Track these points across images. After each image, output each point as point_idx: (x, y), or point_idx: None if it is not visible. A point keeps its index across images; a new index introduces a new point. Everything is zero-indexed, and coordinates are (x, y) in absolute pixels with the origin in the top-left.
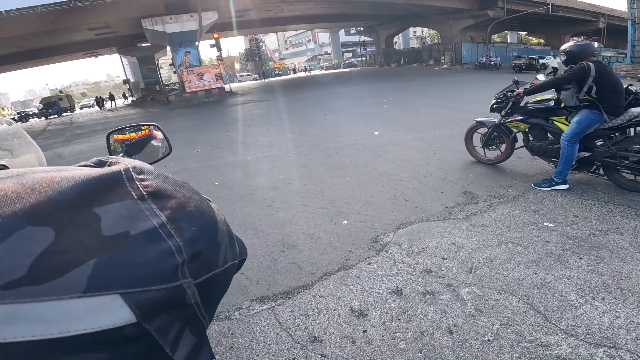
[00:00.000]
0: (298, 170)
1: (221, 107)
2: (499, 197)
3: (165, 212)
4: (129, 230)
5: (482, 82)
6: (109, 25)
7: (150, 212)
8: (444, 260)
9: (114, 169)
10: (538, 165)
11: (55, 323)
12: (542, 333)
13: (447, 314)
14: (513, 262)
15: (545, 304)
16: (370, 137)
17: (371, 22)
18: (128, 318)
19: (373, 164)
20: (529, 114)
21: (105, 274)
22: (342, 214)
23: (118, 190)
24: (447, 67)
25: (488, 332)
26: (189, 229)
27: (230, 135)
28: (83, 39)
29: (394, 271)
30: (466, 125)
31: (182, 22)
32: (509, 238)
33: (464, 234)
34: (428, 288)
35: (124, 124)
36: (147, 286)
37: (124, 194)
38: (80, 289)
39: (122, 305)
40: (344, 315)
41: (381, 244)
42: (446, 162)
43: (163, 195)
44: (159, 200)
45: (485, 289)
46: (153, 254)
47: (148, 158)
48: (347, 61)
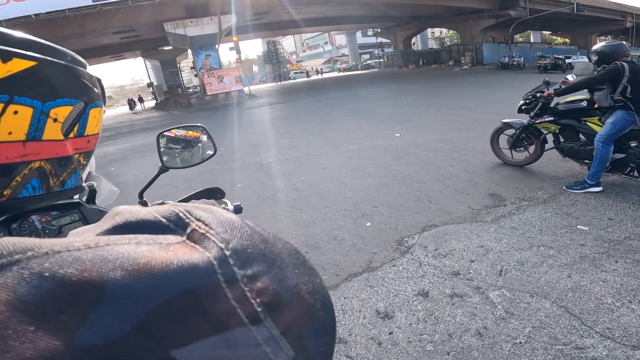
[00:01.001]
0: (319, 172)
1: (241, 109)
2: (528, 200)
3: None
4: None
5: (505, 83)
6: (133, 29)
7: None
8: (472, 262)
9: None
10: (569, 167)
11: None
12: (577, 336)
13: (476, 316)
14: (545, 265)
15: (580, 307)
16: (392, 138)
17: (388, 23)
18: None
19: (395, 165)
20: (559, 115)
21: None
22: (365, 215)
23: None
24: (468, 68)
25: (520, 334)
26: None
27: (250, 137)
28: (109, 43)
29: (420, 273)
30: (490, 126)
31: (202, 25)
32: (540, 241)
33: (492, 237)
34: (456, 290)
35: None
36: None
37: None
38: None
39: None
40: (369, 316)
41: (406, 246)
42: (471, 164)
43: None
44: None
45: (516, 292)
46: None
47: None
48: (364, 63)
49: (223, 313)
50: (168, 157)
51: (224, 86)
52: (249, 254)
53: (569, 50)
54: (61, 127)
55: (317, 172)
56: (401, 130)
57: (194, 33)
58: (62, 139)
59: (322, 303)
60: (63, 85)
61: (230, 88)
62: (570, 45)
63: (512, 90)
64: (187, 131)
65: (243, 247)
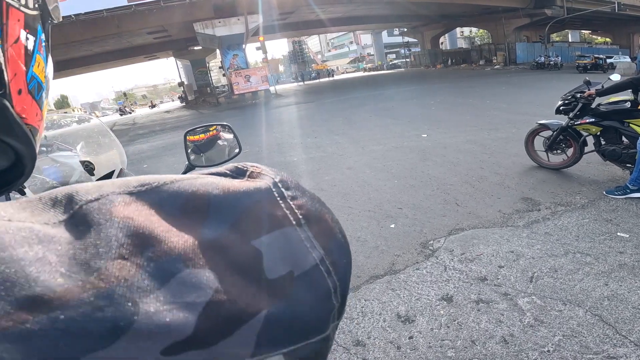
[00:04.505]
0: (343, 172)
1: (267, 108)
2: (565, 205)
3: (322, 240)
4: (293, 270)
5: (541, 83)
6: (165, 29)
7: (309, 243)
8: (501, 268)
9: (262, 185)
10: (610, 171)
11: None
12: (611, 345)
13: (503, 323)
14: (581, 273)
15: (615, 315)
16: (418, 139)
17: (415, 22)
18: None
19: (422, 167)
20: (601, 116)
21: (273, 331)
22: (389, 217)
23: (275, 213)
24: (500, 68)
25: (548, 343)
26: (341, 262)
27: (276, 136)
28: (143, 43)
29: (445, 277)
30: (524, 128)
31: (230, 25)
32: (576, 248)
33: (524, 242)
34: (482, 296)
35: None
36: (305, 340)
37: (282, 219)
38: (249, 352)
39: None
40: (389, 320)
41: (431, 249)
42: (503, 166)
43: (316, 218)
44: (314, 224)
45: (547, 299)
46: (314, 298)
47: (216, 158)
48: (390, 62)
49: (280, 216)
50: (195, 155)
51: (250, 85)
52: (289, 183)
53: (610, 49)
54: None
55: (342, 172)
56: (428, 130)
57: (222, 33)
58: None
59: (339, 229)
60: None
61: (257, 87)
62: (611, 45)
63: (548, 91)
64: (213, 130)
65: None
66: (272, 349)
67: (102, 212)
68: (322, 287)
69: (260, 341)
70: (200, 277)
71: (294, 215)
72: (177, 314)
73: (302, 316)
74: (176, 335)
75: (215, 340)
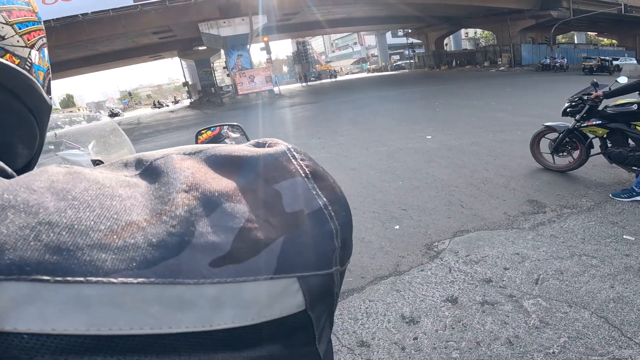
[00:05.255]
0: (348, 174)
1: (271, 108)
2: (571, 207)
3: (324, 193)
4: (304, 209)
5: (547, 85)
6: (170, 29)
7: (315, 191)
8: (506, 270)
9: (280, 148)
10: (616, 174)
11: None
12: (616, 347)
13: (508, 325)
14: (587, 275)
15: (621, 318)
16: (423, 141)
17: (420, 24)
18: (300, 305)
19: (426, 168)
20: (608, 119)
21: (290, 254)
22: (394, 218)
23: (289, 167)
24: (505, 69)
25: (554, 344)
26: (340, 213)
27: (279, 136)
28: (148, 43)
29: (450, 279)
30: (530, 130)
31: (235, 25)
32: (582, 250)
33: (530, 244)
34: (487, 298)
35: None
36: (315, 270)
37: (295, 172)
38: (271, 270)
39: (298, 290)
40: (393, 321)
41: (435, 250)
42: (508, 168)
43: (320, 176)
44: (318, 180)
45: (552, 301)
46: (320, 235)
47: None
48: (394, 63)
49: (292, 169)
50: None
51: (254, 86)
52: (299, 150)
53: (616, 51)
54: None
55: (346, 173)
56: (433, 132)
57: (227, 33)
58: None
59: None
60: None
61: (261, 88)
62: (617, 47)
63: (553, 93)
64: (224, 129)
65: (296, 147)
66: (288, 271)
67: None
68: (326, 227)
69: (279, 264)
70: (236, 209)
71: (302, 170)
72: (220, 235)
73: (311, 247)
74: (219, 251)
75: (246, 257)
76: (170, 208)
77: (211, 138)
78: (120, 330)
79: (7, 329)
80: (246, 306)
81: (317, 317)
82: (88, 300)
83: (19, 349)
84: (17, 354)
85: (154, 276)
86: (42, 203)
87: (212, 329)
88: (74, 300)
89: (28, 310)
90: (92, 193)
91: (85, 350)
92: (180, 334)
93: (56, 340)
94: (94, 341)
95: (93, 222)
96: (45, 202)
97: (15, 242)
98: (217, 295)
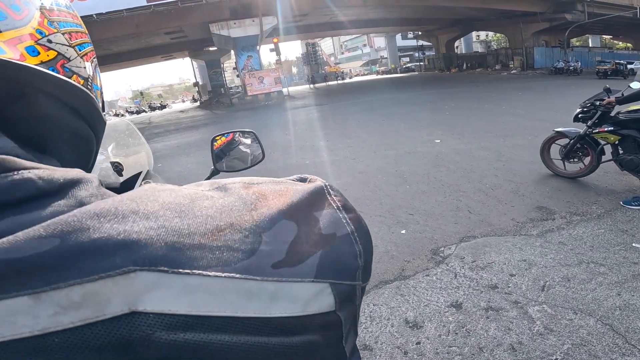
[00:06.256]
0: (355, 177)
1: (280, 110)
2: (580, 214)
3: (352, 222)
4: (336, 232)
5: (560, 89)
6: (182, 30)
7: (345, 220)
8: (512, 276)
9: (318, 185)
10: (627, 181)
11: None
12: (619, 354)
13: (512, 331)
14: (594, 283)
15: (626, 325)
16: (431, 145)
17: (430, 26)
18: (331, 305)
19: (434, 173)
20: (620, 125)
21: (325, 265)
22: (400, 223)
23: (325, 201)
24: (517, 73)
25: (557, 351)
26: (363, 240)
27: (288, 138)
28: (161, 43)
29: (455, 284)
30: (540, 135)
31: (245, 26)
32: (590, 258)
33: (537, 251)
34: (492, 304)
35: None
36: (343, 280)
37: (329, 204)
38: (312, 275)
39: (330, 293)
40: (397, 325)
41: (441, 256)
42: (517, 174)
43: (349, 209)
44: (347, 212)
45: (558, 308)
46: (348, 254)
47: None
48: (404, 66)
49: (328, 203)
50: (220, 160)
51: (264, 87)
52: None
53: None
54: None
55: (353, 176)
56: (442, 136)
57: (237, 34)
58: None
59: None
60: None
61: (270, 89)
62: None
63: (566, 97)
64: (238, 136)
65: (331, 185)
66: (324, 277)
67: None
68: (352, 248)
69: (318, 271)
70: (289, 226)
71: (335, 204)
72: (278, 244)
73: (340, 262)
74: (278, 257)
75: (296, 263)
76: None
77: (225, 144)
78: (211, 312)
79: (140, 309)
80: (294, 301)
81: (345, 319)
82: (191, 288)
83: (146, 325)
84: (145, 329)
85: (234, 272)
86: (157, 212)
87: (270, 316)
88: (182, 288)
89: (154, 295)
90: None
91: (188, 327)
92: (247, 318)
93: (170, 319)
94: (193, 320)
95: (194, 228)
96: (159, 211)
97: (146, 240)
98: (275, 291)
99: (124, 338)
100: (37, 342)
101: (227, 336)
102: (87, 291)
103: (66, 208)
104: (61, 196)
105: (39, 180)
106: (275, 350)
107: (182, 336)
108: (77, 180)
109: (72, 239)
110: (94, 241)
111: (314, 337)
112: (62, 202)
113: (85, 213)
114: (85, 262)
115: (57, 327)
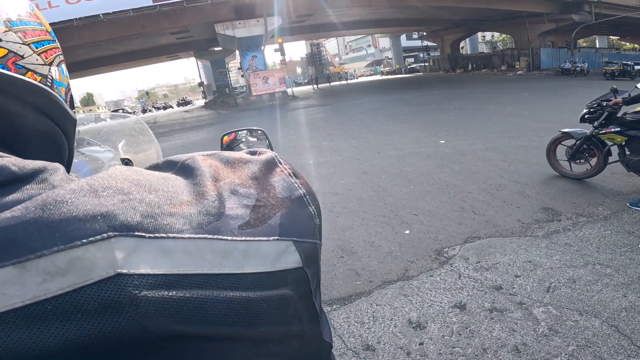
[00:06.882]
0: (359, 177)
1: (284, 110)
2: (587, 216)
3: (303, 187)
4: (290, 196)
5: (566, 90)
6: (187, 30)
7: (297, 185)
8: (517, 277)
9: (269, 155)
10: (634, 183)
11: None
12: (625, 355)
13: (516, 332)
14: (600, 284)
15: (632, 327)
16: (436, 145)
17: (435, 26)
18: (298, 262)
19: (439, 173)
20: (627, 126)
21: (285, 225)
22: (404, 223)
23: (277, 169)
24: (523, 73)
25: (562, 352)
26: (315, 202)
27: (292, 138)
28: (166, 43)
29: (459, 285)
30: (547, 136)
31: (250, 27)
32: (597, 259)
33: (543, 253)
34: (496, 305)
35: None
36: (305, 238)
37: (281, 171)
38: (276, 234)
39: (294, 251)
40: (400, 325)
41: (445, 256)
42: (523, 175)
43: (298, 176)
44: (297, 178)
45: (563, 310)
46: (304, 214)
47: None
48: (408, 66)
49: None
50: None
51: (268, 87)
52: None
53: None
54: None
55: (357, 177)
56: (446, 137)
57: (242, 34)
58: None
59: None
60: None
61: (275, 89)
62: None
63: (572, 98)
64: (247, 134)
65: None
66: (287, 235)
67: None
68: (307, 208)
69: (280, 230)
70: (249, 193)
71: (286, 171)
72: (242, 209)
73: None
74: (242, 219)
75: (259, 224)
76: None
77: (233, 139)
78: (190, 270)
79: (124, 271)
80: (264, 257)
81: (311, 276)
82: (170, 250)
83: (132, 286)
84: (132, 290)
85: (206, 233)
86: (129, 187)
87: (244, 272)
88: (161, 250)
89: (135, 257)
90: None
91: (171, 285)
92: (224, 275)
93: (154, 278)
94: (175, 278)
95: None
96: (130, 187)
97: (122, 210)
98: (245, 249)
99: (113, 300)
100: (30, 311)
101: (208, 292)
102: (72, 257)
103: (41, 190)
104: (35, 181)
105: (13, 166)
106: (253, 303)
107: (166, 294)
108: (45, 168)
109: (52, 211)
110: (73, 211)
111: (286, 291)
112: (36, 185)
113: (61, 190)
114: (67, 229)
115: (47, 294)
